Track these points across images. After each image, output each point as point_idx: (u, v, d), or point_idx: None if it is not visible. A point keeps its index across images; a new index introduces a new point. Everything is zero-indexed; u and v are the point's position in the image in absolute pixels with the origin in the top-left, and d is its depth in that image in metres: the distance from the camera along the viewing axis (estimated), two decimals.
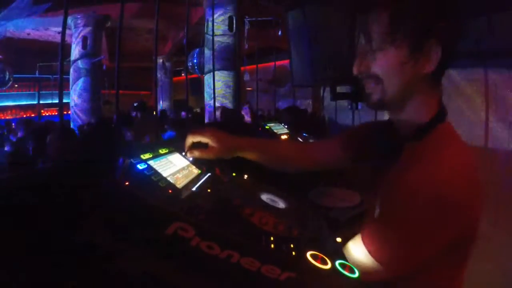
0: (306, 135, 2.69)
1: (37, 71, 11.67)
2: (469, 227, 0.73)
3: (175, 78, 13.68)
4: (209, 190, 0.84)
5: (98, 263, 0.56)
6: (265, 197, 0.88)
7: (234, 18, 7.36)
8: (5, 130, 5.55)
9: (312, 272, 0.64)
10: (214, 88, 5.00)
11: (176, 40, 11.50)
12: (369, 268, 0.72)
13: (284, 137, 2.46)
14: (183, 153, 1.01)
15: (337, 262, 0.69)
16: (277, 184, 1.01)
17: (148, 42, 10.22)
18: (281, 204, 0.87)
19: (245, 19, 8.02)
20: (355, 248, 0.75)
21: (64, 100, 3.35)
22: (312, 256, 0.67)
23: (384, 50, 0.72)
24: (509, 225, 2.62)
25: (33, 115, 12.35)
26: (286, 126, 2.64)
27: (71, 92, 8.59)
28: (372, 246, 0.72)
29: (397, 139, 0.80)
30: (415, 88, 0.75)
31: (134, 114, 5.10)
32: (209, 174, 0.99)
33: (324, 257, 0.68)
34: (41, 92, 12.78)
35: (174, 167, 0.90)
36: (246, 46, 8.53)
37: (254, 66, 8.46)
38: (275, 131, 2.46)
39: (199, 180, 0.91)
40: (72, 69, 8.51)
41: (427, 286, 0.78)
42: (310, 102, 9.10)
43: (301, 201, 1.00)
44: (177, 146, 1.02)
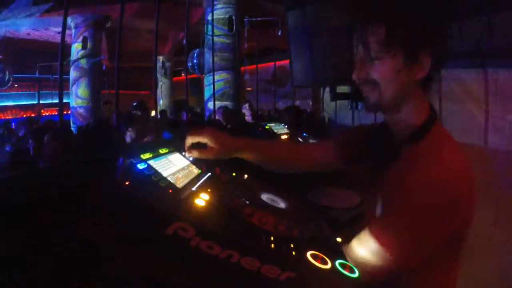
0: (306, 135, 2.69)
1: (37, 71, 11.66)
2: (468, 217, 0.79)
3: (175, 78, 13.67)
4: (209, 190, 0.84)
5: (98, 263, 0.56)
6: (265, 197, 0.88)
7: (234, 18, 7.36)
8: (2, 130, 5.52)
9: (312, 272, 0.64)
10: (214, 88, 4.99)
11: (176, 40, 11.49)
12: (378, 263, 0.74)
13: (284, 137, 2.46)
14: (183, 153, 1.01)
15: (337, 262, 0.69)
16: (277, 184, 1.01)
17: (148, 42, 10.21)
18: (281, 204, 0.87)
19: (245, 19, 8.01)
20: (362, 245, 0.77)
21: (64, 100, 3.35)
22: (312, 256, 0.67)
23: (381, 59, 0.79)
24: (509, 225, 2.62)
25: (33, 115, 12.34)
26: (286, 126, 2.64)
27: (71, 92, 8.59)
28: (383, 239, 0.75)
29: (393, 141, 0.87)
30: (409, 93, 0.82)
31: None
32: (209, 174, 0.99)
33: (324, 257, 0.68)
34: (41, 92, 12.76)
35: (174, 167, 0.90)
36: (246, 46, 8.53)
37: (254, 66, 8.46)
38: (275, 131, 2.46)
39: (199, 180, 0.91)
40: (72, 69, 8.51)
41: (426, 280, 0.82)
42: (310, 102, 9.10)
43: (301, 201, 1.00)
44: (177, 146, 1.02)
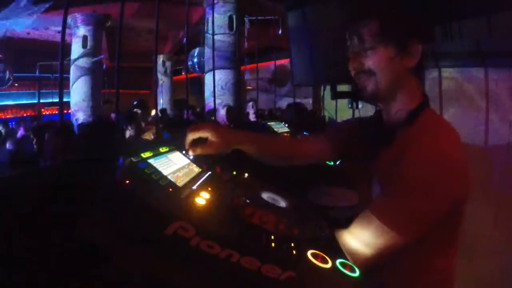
0: (307, 133, 2.69)
1: (37, 70, 11.65)
2: (463, 192, 0.82)
3: (175, 78, 13.65)
4: (209, 188, 0.84)
5: (98, 263, 0.55)
6: (265, 196, 0.87)
7: (234, 17, 7.36)
8: (2, 130, 5.49)
9: (312, 271, 0.64)
10: (214, 87, 4.99)
11: (176, 39, 11.48)
12: (382, 243, 0.76)
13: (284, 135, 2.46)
14: (184, 151, 1.01)
15: (337, 261, 0.69)
16: (278, 183, 1.01)
17: (148, 42, 10.19)
18: (282, 203, 0.87)
19: (245, 18, 8.01)
20: (362, 230, 0.78)
21: (64, 99, 3.34)
22: (313, 255, 0.66)
23: (375, 49, 0.85)
24: (509, 225, 2.62)
25: (33, 114, 12.32)
26: (287, 125, 2.64)
27: (71, 91, 8.59)
28: (386, 218, 0.76)
29: (388, 127, 0.91)
30: (403, 80, 0.88)
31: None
32: (210, 172, 0.98)
33: (325, 256, 0.67)
34: (41, 91, 12.74)
35: (175, 166, 0.89)
36: (246, 45, 8.52)
37: (255, 65, 8.45)
38: (276, 129, 2.46)
39: (200, 178, 0.91)
40: (72, 68, 8.50)
41: (425, 265, 0.85)
42: (310, 101, 9.10)
43: (302, 201, 1.00)
44: (177, 145, 1.02)
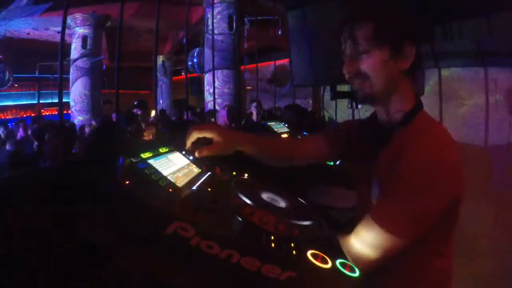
0: (307, 134, 2.69)
1: (37, 71, 11.64)
2: (459, 191, 0.82)
3: (175, 78, 13.63)
4: (209, 189, 0.84)
5: (98, 263, 0.55)
6: (265, 196, 0.87)
7: (234, 17, 7.35)
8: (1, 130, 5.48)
9: (312, 272, 0.64)
10: (214, 87, 4.99)
11: (176, 39, 11.48)
12: (384, 247, 0.76)
13: (284, 136, 2.46)
14: (187, 149, 1.01)
15: (337, 261, 0.69)
16: (278, 183, 1.01)
17: (148, 42, 10.19)
18: (282, 204, 0.87)
19: (245, 18, 8.00)
20: (364, 234, 0.78)
21: (64, 100, 3.34)
22: (313, 255, 0.66)
23: (369, 52, 0.85)
24: (509, 225, 2.62)
25: (33, 114, 12.31)
26: (287, 125, 2.64)
27: (71, 92, 8.58)
28: (386, 222, 0.77)
29: (384, 128, 0.92)
30: (397, 83, 0.88)
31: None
32: (209, 173, 0.98)
33: (325, 256, 0.67)
34: (41, 91, 12.73)
35: (175, 166, 0.89)
36: (246, 46, 8.52)
37: (254, 65, 8.44)
38: (275, 130, 2.45)
39: (199, 179, 0.91)
40: (72, 68, 8.50)
41: (425, 266, 0.85)
42: (310, 102, 9.09)
43: (302, 201, 1.00)
44: (177, 145, 1.02)
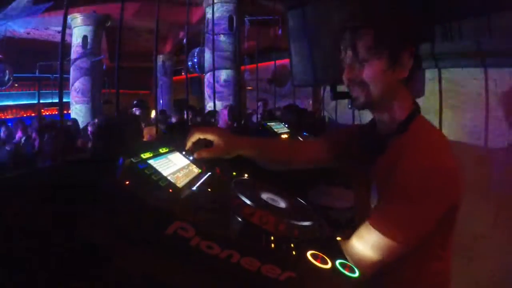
0: (307, 134, 2.69)
1: (37, 71, 11.64)
2: (456, 196, 0.84)
3: (175, 78, 13.63)
4: (209, 189, 0.84)
5: (98, 263, 0.55)
6: (265, 196, 0.87)
7: (234, 17, 7.35)
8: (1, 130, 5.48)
9: (312, 272, 0.64)
10: (214, 88, 4.98)
11: (176, 39, 11.48)
12: (384, 252, 0.76)
13: (284, 136, 2.46)
14: (187, 151, 1.01)
15: (337, 262, 0.69)
16: (278, 183, 1.01)
17: (148, 42, 10.18)
18: (282, 204, 0.87)
19: (245, 18, 8.00)
20: (363, 240, 0.78)
21: (64, 100, 3.34)
22: (313, 255, 0.67)
23: (369, 61, 0.87)
24: (509, 225, 2.62)
25: (33, 114, 12.31)
26: (287, 126, 2.64)
27: (71, 92, 8.58)
28: (384, 227, 0.77)
29: (381, 136, 0.93)
30: (394, 91, 0.90)
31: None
32: (209, 173, 0.98)
33: (325, 256, 0.68)
34: (41, 91, 12.73)
35: (175, 166, 0.89)
36: (246, 45, 8.52)
37: (254, 65, 8.45)
38: (275, 130, 2.46)
39: (199, 179, 0.91)
40: (72, 68, 8.50)
41: (424, 269, 0.86)
42: (310, 102, 9.09)
43: (302, 201, 1.00)
44: (177, 146, 1.02)
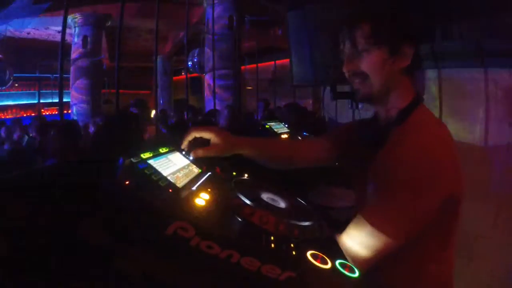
0: (307, 134, 2.69)
1: (37, 70, 11.65)
2: (454, 191, 0.81)
3: (175, 78, 13.65)
4: (209, 189, 0.84)
5: (98, 263, 0.56)
6: (265, 196, 0.87)
7: (234, 17, 7.36)
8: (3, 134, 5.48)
9: (312, 272, 0.64)
10: (214, 88, 4.99)
11: (176, 39, 11.49)
12: (377, 246, 0.75)
13: (284, 136, 2.46)
14: (184, 150, 1.01)
15: (337, 262, 0.69)
16: (278, 183, 1.01)
17: (148, 42, 10.20)
18: (282, 204, 0.87)
19: (245, 19, 8.01)
20: (357, 233, 0.77)
21: (64, 99, 3.35)
22: (313, 255, 0.67)
23: (368, 51, 0.85)
24: (509, 225, 2.62)
25: (33, 114, 12.32)
26: (287, 125, 2.64)
27: (71, 91, 8.59)
28: (376, 221, 0.76)
29: (382, 128, 0.91)
30: (396, 81, 0.88)
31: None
32: (209, 173, 0.98)
33: (325, 256, 0.68)
34: (41, 91, 12.75)
35: (174, 166, 0.89)
36: (246, 45, 8.53)
37: (254, 65, 8.46)
38: (275, 130, 2.46)
39: (199, 179, 0.91)
40: (72, 68, 8.51)
41: (421, 272, 0.85)
42: (311, 102, 9.10)
43: (302, 201, 1.00)
44: (177, 145, 1.02)
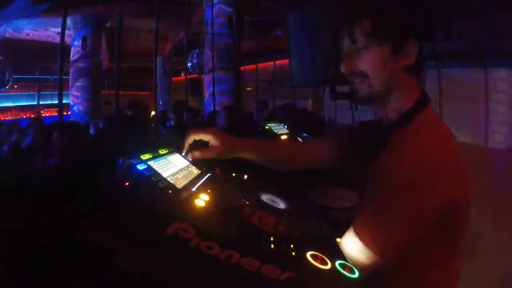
0: (306, 135, 2.69)
1: (36, 72, 11.65)
2: (456, 198, 0.75)
3: (175, 78, 13.66)
4: (209, 190, 0.84)
5: (98, 263, 0.56)
6: (265, 197, 0.87)
7: (234, 17, 7.36)
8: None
9: (312, 272, 0.64)
10: (214, 88, 4.99)
11: (176, 40, 11.49)
12: (365, 260, 0.73)
13: (284, 137, 2.46)
14: (183, 152, 1.01)
15: (337, 263, 0.69)
16: (277, 184, 1.01)
17: (148, 42, 10.20)
18: (281, 205, 0.87)
19: (245, 19, 8.02)
20: (348, 244, 0.76)
21: (64, 101, 3.34)
22: (312, 256, 0.67)
23: (368, 48, 0.79)
24: (509, 225, 2.62)
25: (32, 116, 12.31)
26: (286, 126, 2.64)
27: (71, 93, 8.59)
28: (366, 238, 0.73)
29: (384, 131, 0.86)
30: (398, 80, 0.82)
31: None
32: (209, 174, 0.98)
33: (324, 257, 0.68)
34: (40, 92, 12.74)
35: (174, 168, 0.89)
36: (246, 46, 8.53)
37: (254, 66, 8.46)
38: (275, 131, 2.46)
39: (199, 180, 0.91)
40: (72, 69, 8.50)
41: (420, 277, 0.81)
42: (310, 102, 9.10)
43: (301, 201, 1.00)
44: (177, 147, 1.02)
